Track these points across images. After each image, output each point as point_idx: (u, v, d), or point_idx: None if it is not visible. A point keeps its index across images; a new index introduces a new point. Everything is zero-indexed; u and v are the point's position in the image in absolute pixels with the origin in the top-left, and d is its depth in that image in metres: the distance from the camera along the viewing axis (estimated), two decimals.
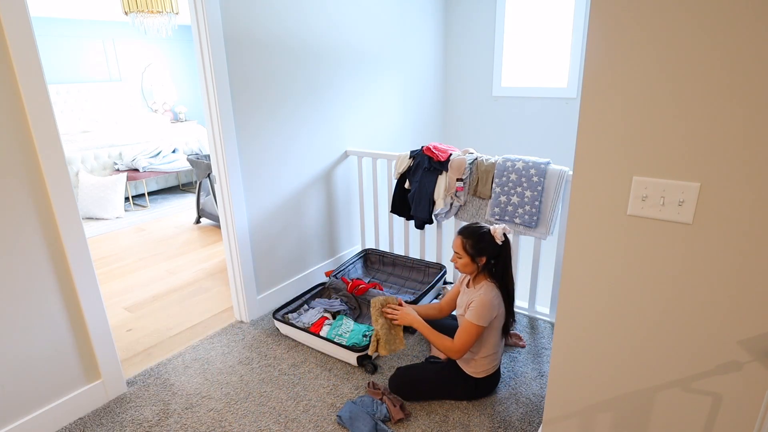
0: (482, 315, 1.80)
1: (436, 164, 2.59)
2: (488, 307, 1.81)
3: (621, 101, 1.08)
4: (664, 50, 1.00)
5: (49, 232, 1.71)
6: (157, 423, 1.89)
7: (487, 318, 1.81)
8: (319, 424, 1.86)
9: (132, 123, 6.09)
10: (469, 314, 1.83)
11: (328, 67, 2.76)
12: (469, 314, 1.83)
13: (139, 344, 2.47)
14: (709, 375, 1.16)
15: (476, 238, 1.84)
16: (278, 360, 2.27)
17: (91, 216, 4.62)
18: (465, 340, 1.83)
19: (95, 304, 1.89)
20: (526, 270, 2.77)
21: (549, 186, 2.30)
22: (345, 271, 2.84)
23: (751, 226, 1.01)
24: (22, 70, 1.54)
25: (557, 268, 2.41)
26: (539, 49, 3.61)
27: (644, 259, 1.16)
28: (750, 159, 0.97)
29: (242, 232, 2.47)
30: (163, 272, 3.39)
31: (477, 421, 1.86)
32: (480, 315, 1.80)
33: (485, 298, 1.81)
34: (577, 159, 1.18)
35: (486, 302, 1.81)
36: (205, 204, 4.36)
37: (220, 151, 2.30)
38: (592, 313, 1.29)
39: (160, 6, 3.83)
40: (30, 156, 1.62)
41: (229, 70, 2.23)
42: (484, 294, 1.83)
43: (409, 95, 3.60)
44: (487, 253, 1.84)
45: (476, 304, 1.81)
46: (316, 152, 2.82)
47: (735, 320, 1.09)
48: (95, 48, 6.13)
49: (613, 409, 1.35)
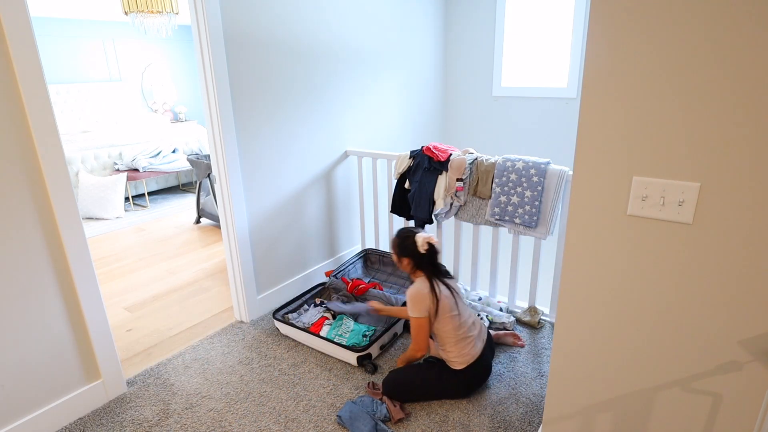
0: (413, 306, 1.92)
1: (436, 164, 2.59)
2: (415, 298, 1.91)
3: (621, 101, 1.08)
4: (664, 50, 1.00)
5: (49, 232, 1.71)
6: (157, 423, 1.89)
7: (420, 308, 1.91)
8: (319, 424, 1.86)
9: (132, 123, 6.09)
10: (408, 310, 1.96)
11: (328, 67, 2.76)
12: (408, 310, 1.96)
13: (139, 344, 2.47)
14: (709, 375, 1.16)
15: (399, 240, 2.01)
16: (278, 360, 2.27)
17: (91, 216, 4.62)
18: (415, 334, 1.96)
19: (95, 304, 1.89)
20: (526, 270, 2.77)
21: (549, 186, 2.30)
22: (345, 271, 2.84)
23: (751, 226, 1.01)
24: (22, 70, 1.54)
25: (557, 268, 2.41)
26: (539, 49, 3.61)
27: (644, 259, 1.16)
28: (750, 159, 0.97)
29: (242, 232, 2.47)
30: (163, 272, 3.39)
31: (477, 421, 1.86)
32: (411, 307, 1.93)
33: (410, 291, 1.94)
34: (577, 159, 1.18)
35: (411, 295, 1.93)
36: (205, 204, 4.36)
37: (220, 151, 2.30)
38: (592, 312, 1.29)
39: (160, 6, 3.83)
40: (30, 156, 1.62)
41: (229, 70, 2.23)
42: (410, 288, 1.96)
43: (409, 95, 3.60)
44: (407, 256, 1.98)
45: (407, 299, 1.95)
46: (316, 152, 2.82)
47: (735, 320, 1.09)
48: (95, 48, 6.13)
49: (613, 409, 1.35)
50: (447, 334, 1.93)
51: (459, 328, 1.94)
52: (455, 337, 1.93)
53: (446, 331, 1.93)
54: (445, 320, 1.92)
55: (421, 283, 1.94)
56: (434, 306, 1.91)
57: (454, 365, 1.94)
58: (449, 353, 1.95)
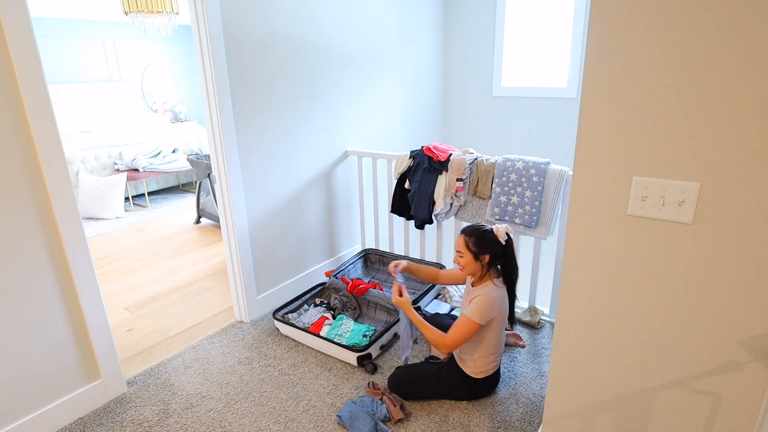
0: (482, 312, 1.79)
1: (436, 164, 2.59)
2: (489, 305, 1.79)
3: (621, 101, 1.08)
4: (664, 50, 1.00)
5: (49, 232, 1.71)
6: (157, 423, 1.89)
7: (485, 316, 1.80)
8: (319, 424, 1.86)
9: (132, 123, 6.09)
10: (469, 310, 1.82)
11: (328, 67, 2.76)
12: (468, 310, 1.82)
13: (139, 344, 2.47)
14: (709, 375, 1.16)
15: (479, 236, 1.84)
16: (278, 360, 2.27)
17: (91, 216, 4.62)
18: (458, 335, 1.81)
19: (95, 304, 1.89)
20: (526, 270, 2.77)
21: (549, 186, 2.30)
22: (345, 271, 2.84)
23: (751, 226, 1.01)
24: (22, 70, 1.54)
25: (557, 268, 2.41)
26: (539, 49, 3.61)
27: (644, 259, 1.16)
28: (750, 159, 0.97)
29: (242, 232, 2.47)
30: (163, 272, 3.39)
31: (477, 421, 1.86)
32: (479, 312, 1.79)
33: (488, 296, 1.80)
34: (577, 159, 1.18)
35: (489, 300, 1.80)
36: (205, 204, 4.36)
37: (220, 151, 2.30)
38: (592, 313, 1.29)
39: (160, 6, 3.83)
40: (30, 156, 1.62)
41: (229, 70, 2.23)
42: (488, 293, 1.82)
43: (410, 95, 3.60)
44: (489, 251, 1.83)
45: (478, 301, 1.80)
46: (316, 152, 2.82)
47: (735, 320, 1.09)
48: (95, 48, 6.13)
49: (613, 409, 1.35)
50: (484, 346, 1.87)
51: (498, 345, 1.90)
52: (490, 350, 1.88)
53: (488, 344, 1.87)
54: (494, 333, 1.87)
55: (498, 292, 1.83)
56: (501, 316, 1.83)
57: (472, 373, 1.90)
58: (476, 362, 1.89)
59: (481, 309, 1.79)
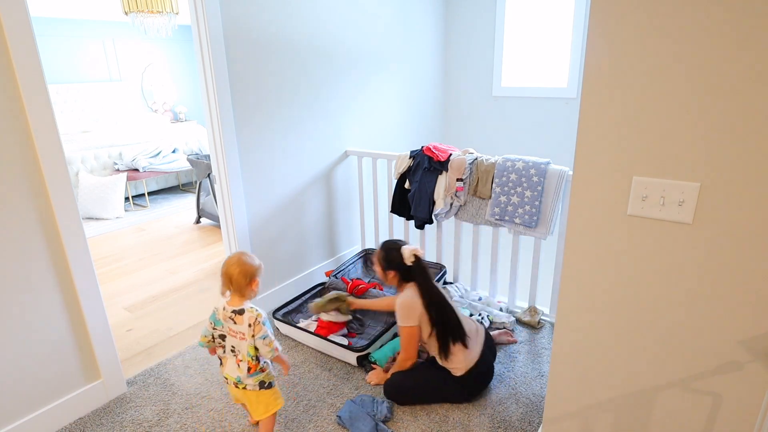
0: (403, 315, 1.91)
1: (436, 164, 2.59)
2: (405, 307, 1.91)
3: (621, 101, 1.08)
4: (664, 50, 1.00)
5: (49, 232, 1.71)
6: (157, 423, 1.89)
7: (410, 317, 1.90)
8: (319, 424, 1.86)
9: (132, 123, 6.09)
10: (397, 319, 1.93)
11: (328, 67, 2.76)
12: (397, 319, 1.94)
13: (139, 344, 2.47)
14: (709, 375, 1.16)
15: (385, 252, 2.00)
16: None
17: (91, 216, 4.62)
18: (405, 343, 1.95)
19: (95, 304, 1.89)
20: (526, 270, 2.77)
21: (549, 186, 2.30)
22: (345, 271, 2.84)
23: (751, 226, 1.01)
24: (22, 70, 1.54)
25: (557, 268, 2.41)
26: (539, 49, 3.61)
27: (644, 259, 1.16)
28: (750, 159, 0.97)
29: (242, 232, 2.47)
30: (163, 272, 3.39)
31: (477, 421, 1.86)
32: (401, 316, 1.91)
33: (400, 300, 1.93)
34: (577, 159, 1.18)
35: (401, 304, 1.92)
36: (205, 204, 4.36)
37: (220, 151, 2.30)
38: (592, 313, 1.29)
39: (160, 6, 3.83)
40: (30, 156, 1.62)
41: (229, 70, 2.23)
42: (400, 297, 1.94)
43: (410, 95, 3.60)
44: (393, 268, 1.97)
45: (396, 308, 1.93)
46: (316, 152, 2.82)
47: (735, 320, 1.09)
48: (95, 48, 6.13)
49: (613, 409, 1.35)
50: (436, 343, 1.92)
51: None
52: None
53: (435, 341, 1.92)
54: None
55: (411, 292, 1.93)
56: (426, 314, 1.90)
57: (455, 372, 1.92)
58: (448, 361, 1.92)
59: (401, 312, 1.91)
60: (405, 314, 1.91)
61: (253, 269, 1.58)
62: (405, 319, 1.91)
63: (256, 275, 1.60)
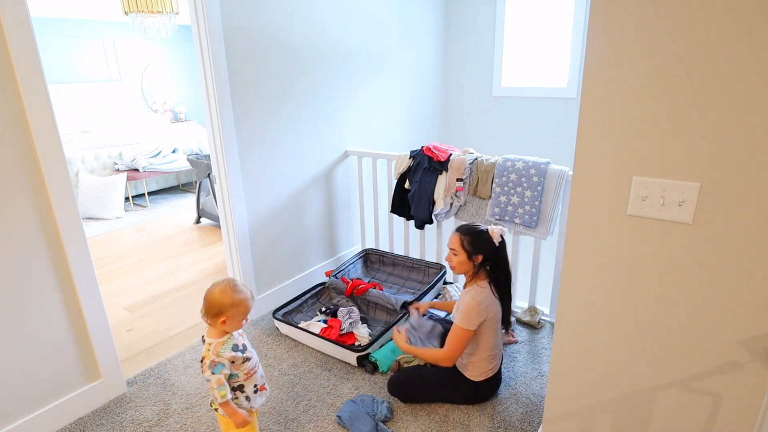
0: (468, 318, 1.78)
1: (436, 164, 2.59)
2: (475, 310, 1.78)
3: (621, 101, 1.08)
4: (664, 50, 1.00)
5: (49, 232, 1.71)
6: (157, 423, 1.89)
7: (473, 321, 1.78)
8: (319, 424, 1.86)
9: (132, 123, 6.09)
10: (457, 318, 1.81)
11: (328, 67, 2.76)
12: (456, 318, 1.82)
13: (139, 344, 2.47)
14: (709, 375, 1.16)
15: (474, 236, 1.83)
16: (278, 360, 2.27)
17: (91, 216, 4.62)
18: (453, 345, 1.81)
19: (95, 304, 1.89)
20: (526, 270, 2.77)
21: (549, 186, 2.30)
22: (345, 271, 2.84)
23: (751, 226, 1.01)
24: (22, 70, 1.54)
25: (557, 268, 2.41)
26: (539, 49, 3.61)
27: (644, 259, 1.16)
28: (750, 159, 0.97)
29: (242, 232, 2.47)
30: (163, 272, 3.39)
31: (477, 421, 1.86)
32: (465, 318, 1.78)
33: (472, 301, 1.79)
34: (577, 159, 1.18)
35: (473, 305, 1.78)
36: (205, 204, 4.36)
37: (220, 151, 2.30)
38: (592, 313, 1.29)
39: (160, 6, 3.83)
40: (30, 156, 1.62)
41: (229, 70, 2.23)
42: (472, 297, 1.80)
43: (410, 95, 3.60)
44: (482, 252, 1.82)
45: (463, 307, 1.80)
46: (316, 152, 2.82)
47: (735, 320, 1.09)
48: (95, 48, 6.13)
49: (613, 409, 1.35)
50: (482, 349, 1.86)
51: (495, 347, 1.89)
52: (487, 352, 1.87)
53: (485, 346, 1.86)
54: (489, 335, 1.84)
55: (483, 294, 1.80)
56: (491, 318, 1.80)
57: (473, 377, 1.89)
58: (474, 366, 1.88)
59: (467, 315, 1.78)
60: (472, 316, 1.78)
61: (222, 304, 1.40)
62: (468, 321, 1.78)
63: (224, 312, 1.41)
